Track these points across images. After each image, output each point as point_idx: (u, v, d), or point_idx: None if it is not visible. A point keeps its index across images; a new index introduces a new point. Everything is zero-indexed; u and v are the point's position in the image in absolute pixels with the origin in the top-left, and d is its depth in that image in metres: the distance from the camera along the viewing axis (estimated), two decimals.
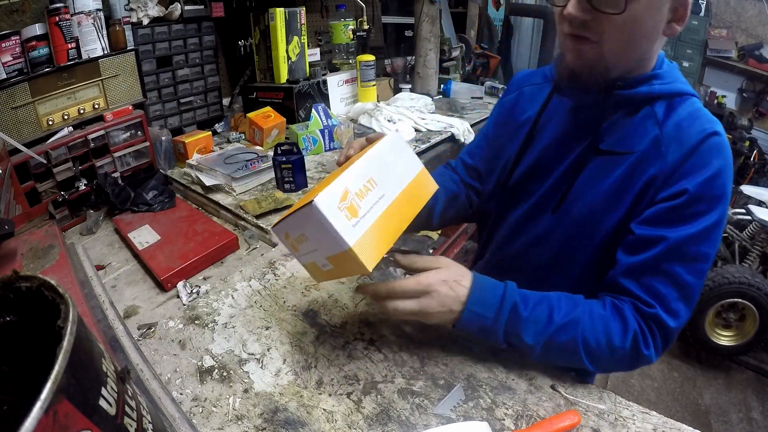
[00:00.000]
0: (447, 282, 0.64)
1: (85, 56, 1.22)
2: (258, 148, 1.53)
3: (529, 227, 0.81)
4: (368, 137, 0.75)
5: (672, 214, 0.63)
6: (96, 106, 1.26)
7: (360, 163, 0.59)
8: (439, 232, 2.24)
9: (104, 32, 1.25)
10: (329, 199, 0.53)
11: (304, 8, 1.73)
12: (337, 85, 1.89)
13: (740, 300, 2.12)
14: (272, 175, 1.31)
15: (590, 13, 0.60)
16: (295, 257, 0.66)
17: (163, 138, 1.41)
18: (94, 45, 1.23)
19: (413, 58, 2.29)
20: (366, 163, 0.60)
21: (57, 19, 1.12)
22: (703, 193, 0.62)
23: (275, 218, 1.13)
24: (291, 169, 1.24)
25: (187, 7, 1.49)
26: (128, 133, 1.31)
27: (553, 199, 0.76)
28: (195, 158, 1.38)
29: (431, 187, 0.70)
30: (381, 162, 0.62)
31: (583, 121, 0.74)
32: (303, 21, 1.72)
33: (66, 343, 0.30)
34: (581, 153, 0.73)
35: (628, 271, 0.66)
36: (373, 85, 1.91)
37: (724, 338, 2.26)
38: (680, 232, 0.62)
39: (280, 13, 1.62)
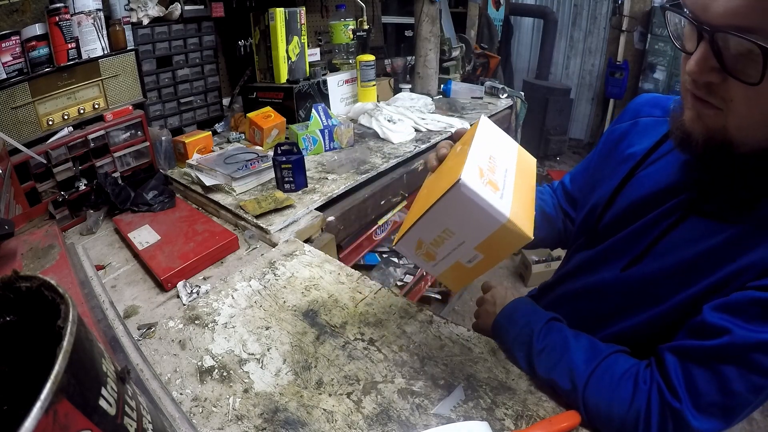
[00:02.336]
0: (507, 289, 0.81)
1: (85, 56, 1.22)
2: (258, 148, 1.53)
3: (598, 270, 0.73)
4: (454, 134, 0.72)
5: (754, 308, 0.50)
6: (96, 106, 1.26)
7: (475, 146, 0.57)
8: None
9: (104, 32, 1.25)
10: (472, 176, 0.50)
11: (304, 8, 1.73)
12: (337, 85, 1.89)
13: None
14: (272, 175, 1.31)
15: (719, 75, 0.48)
16: (428, 269, 0.60)
17: (163, 138, 1.41)
18: (94, 45, 1.23)
19: (413, 58, 2.29)
20: (480, 145, 0.58)
21: (57, 19, 1.12)
22: None
23: (275, 218, 1.13)
24: (291, 169, 1.24)
25: (187, 7, 1.49)
26: (128, 133, 1.31)
27: (627, 251, 0.67)
28: (195, 158, 1.38)
29: (532, 160, 0.70)
30: (490, 141, 0.61)
31: (693, 176, 0.61)
32: (303, 21, 1.72)
33: (66, 343, 0.30)
34: (677, 206, 0.62)
35: (677, 351, 0.56)
36: (373, 85, 1.91)
37: None
38: (755, 333, 0.49)
39: (280, 13, 1.62)
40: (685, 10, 0.49)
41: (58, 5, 1.13)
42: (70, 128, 1.21)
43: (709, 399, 0.52)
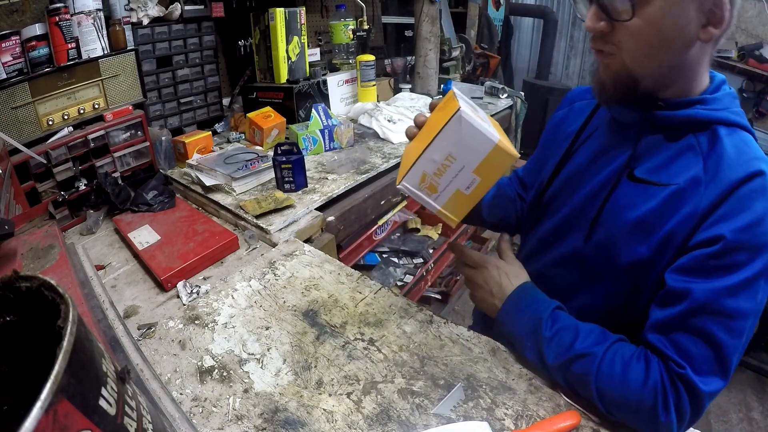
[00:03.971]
0: (499, 269, 0.76)
1: (85, 56, 1.22)
2: (258, 148, 1.53)
3: (555, 246, 0.78)
4: (430, 105, 0.77)
5: (706, 264, 0.56)
6: (96, 106, 1.26)
7: (459, 99, 0.63)
8: (439, 231, 2.24)
9: (104, 32, 1.25)
10: (466, 110, 0.59)
11: (304, 8, 1.73)
12: (337, 85, 1.89)
13: None
14: (272, 175, 1.31)
15: (607, 24, 0.59)
16: (430, 204, 0.64)
17: (163, 138, 1.41)
18: (94, 45, 1.23)
19: (413, 58, 2.29)
20: (462, 100, 0.63)
21: (57, 19, 1.12)
22: (743, 240, 0.54)
23: (275, 218, 1.13)
24: (291, 169, 1.24)
25: (187, 7, 1.49)
26: (128, 133, 1.31)
27: (582, 219, 0.72)
28: (195, 158, 1.38)
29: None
30: (462, 95, 0.68)
31: (620, 138, 0.70)
32: (303, 21, 1.72)
33: (66, 343, 0.30)
34: (613, 174, 0.68)
35: (657, 327, 0.59)
36: (373, 85, 1.91)
37: None
38: (715, 284, 0.55)
39: (280, 13, 1.62)
40: None
41: (58, 5, 1.13)
42: (70, 128, 1.21)
43: (702, 359, 0.55)
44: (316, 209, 1.22)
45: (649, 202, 0.63)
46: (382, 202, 1.44)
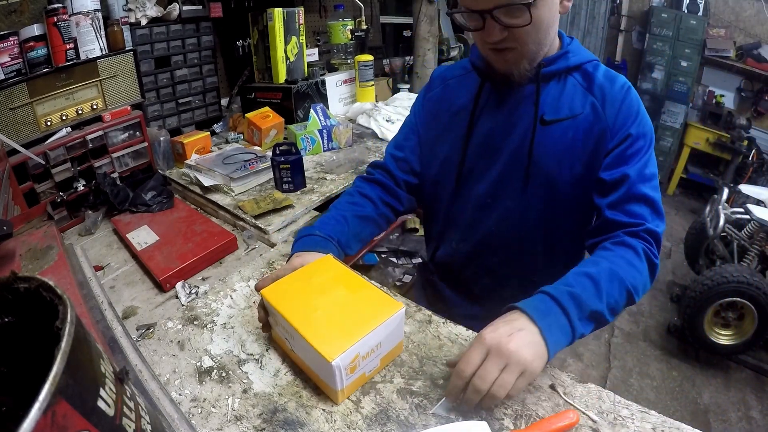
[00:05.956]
0: (496, 325, 0.62)
1: (83, 57, 1.21)
2: (256, 148, 1.53)
3: (497, 204, 0.89)
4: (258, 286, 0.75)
5: (625, 155, 0.78)
6: (94, 107, 1.26)
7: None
8: None
9: (102, 33, 1.25)
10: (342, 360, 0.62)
11: (303, 8, 1.73)
12: (335, 85, 1.89)
13: (739, 299, 2.12)
14: (271, 175, 1.31)
15: (505, 31, 0.72)
16: (333, 383, 0.62)
17: (161, 138, 1.41)
18: (92, 45, 1.23)
19: (411, 58, 2.29)
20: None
21: (55, 19, 1.12)
22: (639, 131, 0.78)
23: (274, 218, 1.13)
24: (289, 170, 1.24)
25: (185, 8, 1.48)
26: (127, 134, 1.31)
27: (515, 173, 0.85)
28: (193, 158, 1.37)
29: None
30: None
31: (518, 98, 0.84)
32: (301, 21, 1.72)
33: (64, 344, 0.30)
34: (528, 126, 0.83)
35: (611, 206, 0.77)
36: (372, 85, 1.91)
37: (722, 337, 2.26)
38: (636, 164, 0.77)
39: (278, 13, 1.62)
40: (462, 7, 0.74)
41: (56, 6, 1.12)
42: (69, 129, 1.21)
43: (648, 213, 0.76)
44: (315, 209, 1.22)
45: (567, 133, 0.81)
46: None
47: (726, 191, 2.66)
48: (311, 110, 1.57)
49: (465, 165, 0.91)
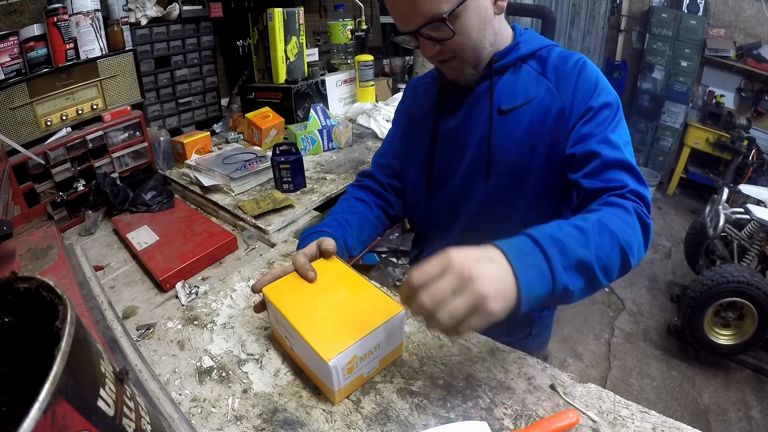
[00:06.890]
0: (468, 248, 0.54)
1: (83, 57, 1.21)
2: (256, 148, 1.53)
3: (469, 199, 0.89)
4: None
5: (591, 126, 0.75)
6: (94, 107, 1.26)
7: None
8: None
9: (102, 32, 1.25)
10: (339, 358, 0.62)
11: (303, 8, 1.73)
12: (335, 85, 1.89)
13: (739, 299, 2.12)
14: (271, 175, 1.31)
15: (438, 44, 0.75)
16: (330, 384, 0.63)
17: (161, 138, 1.41)
18: (92, 45, 1.23)
19: (411, 57, 2.29)
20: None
21: (55, 19, 1.12)
22: (601, 101, 0.76)
23: (274, 218, 1.14)
24: (289, 170, 1.24)
25: (185, 8, 1.48)
26: (127, 134, 1.31)
27: (479, 166, 0.86)
28: (193, 158, 1.38)
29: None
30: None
31: (476, 95, 0.86)
32: (301, 21, 1.72)
33: (64, 344, 0.30)
34: (486, 119, 0.84)
35: (587, 176, 0.74)
36: (372, 85, 1.91)
37: (722, 337, 2.26)
38: (605, 134, 0.74)
39: (278, 13, 1.62)
40: (401, 31, 0.78)
41: (56, 6, 1.12)
42: (69, 129, 1.21)
43: (628, 177, 0.71)
44: (315, 209, 1.22)
45: (524, 118, 0.81)
46: None
47: (726, 191, 2.66)
48: (311, 110, 1.57)
49: (435, 165, 0.92)
